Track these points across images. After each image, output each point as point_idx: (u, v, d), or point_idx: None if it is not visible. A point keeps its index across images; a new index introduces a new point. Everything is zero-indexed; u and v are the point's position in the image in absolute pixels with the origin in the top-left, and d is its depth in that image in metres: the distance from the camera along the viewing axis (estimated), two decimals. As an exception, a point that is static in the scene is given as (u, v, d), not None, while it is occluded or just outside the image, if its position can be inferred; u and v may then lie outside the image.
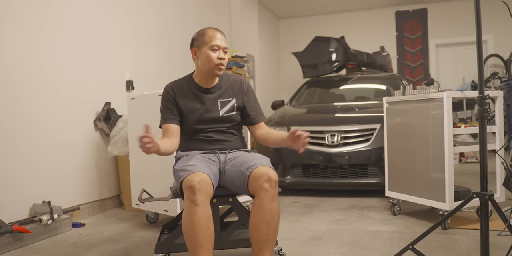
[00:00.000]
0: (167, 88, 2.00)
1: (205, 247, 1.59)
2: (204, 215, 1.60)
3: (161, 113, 1.97)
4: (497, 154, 2.41)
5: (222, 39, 1.93)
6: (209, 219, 1.62)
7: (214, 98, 1.98)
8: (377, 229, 2.62)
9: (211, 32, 1.93)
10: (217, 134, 1.98)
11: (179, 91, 1.97)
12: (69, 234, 2.75)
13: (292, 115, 4.22)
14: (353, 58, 5.86)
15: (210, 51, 1.89)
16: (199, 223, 1.59)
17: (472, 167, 5.21)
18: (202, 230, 1.59)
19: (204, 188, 1.61)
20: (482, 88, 1.68)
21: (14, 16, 2.67)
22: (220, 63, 1.90)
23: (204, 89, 1.98)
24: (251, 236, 1.69)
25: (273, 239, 1.69)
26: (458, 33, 7.83)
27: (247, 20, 6.54)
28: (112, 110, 3.40)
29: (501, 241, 2.25)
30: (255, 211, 1.69)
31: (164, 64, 4.41)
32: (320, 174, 3.73)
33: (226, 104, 1.99)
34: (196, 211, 1.59)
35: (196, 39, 1.96)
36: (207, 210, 1.62)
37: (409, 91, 2.82)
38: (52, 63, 2.95)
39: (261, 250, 1.66)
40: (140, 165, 2.98)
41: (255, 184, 1.69)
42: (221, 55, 1.90)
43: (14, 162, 2.64)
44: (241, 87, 2.03)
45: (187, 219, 1.62)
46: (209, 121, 1.95)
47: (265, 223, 1.66)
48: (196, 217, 1.59)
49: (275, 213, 1.68)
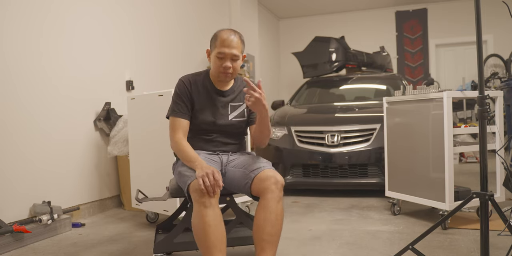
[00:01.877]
0: (183, 80, 1.93)
1: (218, 248, 1.59)
2: (215, 216, 1.61)
3: (174, 104, 1.90)
4: (497, 154, 2.41)
5: (233, 45, 1.82)
6: (220, 220, 1.62)
7: (226, 101, 1.96)
8: (377, 229, 2.62)
9: (223, 35, 1.83)
10: (222, 137, 1.97)
11: (195, 86, 1.92)
12: (69, 234, 2.75)
13: (292, 115, 4.22)
14: (353, 58, 5.86)
15: (216, 58, 1.85)
16: (211, 225, 1.59)
17: (472, 167, 5.21)
18: (214, 231, 1.59)
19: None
20: (482, 88, 1.68)
21: (14, 16, 2.67)
22: (223, 71, 1.85)
23: (218, 91, 1.95)
24: (255, 236, 1.69)
25: (277, 240, 1.70)
26: (458, 33, 7.83)
27: (247, 20, 6.54)
28: (112, 110, 3.40)
29: (501, 241, 2.25)
30: (260, 212, 1.69)
31: (164, 64, 4.41)
32: (320, 174, 3.73)
33: (236, 109, 1.98)
34: (206, 212, 1.59)
35: (211, 39, 1.90)
36: (217, 211, 1.63)
37: (409, 91, 2.82)
38: (52, 63, 2.95)
39: (264, 250, 1.66)
40: (140, 165, 2.98)
41: (261, 186, 1.71)
42: (226, 63, 1.83)
43: (14, 161, 2.64)
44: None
45: (198, 221, 1.61)
46: (217, 123, 1.94)
47: (270, 224, 1.67)
48: (207, 218, 1.59)
49: (279, 214, 1.70)
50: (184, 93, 1.90)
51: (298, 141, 3.80)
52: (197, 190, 1.61)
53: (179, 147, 1.82)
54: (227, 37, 1.82)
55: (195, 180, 1.63)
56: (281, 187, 1.73)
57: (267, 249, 1.66)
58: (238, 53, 1.84)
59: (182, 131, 1.87)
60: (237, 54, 1.84)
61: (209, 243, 1.59)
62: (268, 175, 1.72)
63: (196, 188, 1.61)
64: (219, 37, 1.84)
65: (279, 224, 1.69)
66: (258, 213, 1.70)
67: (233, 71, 1.87)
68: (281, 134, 3.92)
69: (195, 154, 1.78)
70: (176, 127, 1.87)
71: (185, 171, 1.76)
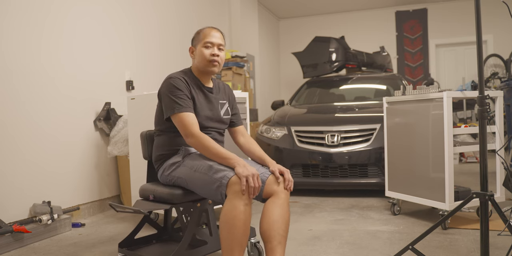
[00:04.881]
0: (178, 76, 1.86)
1: (242, 249, 1.60)
2: (249, 216, 1.62)
3: (177, 99, 1.80)
4: (497, 154, 2.41)
5: (218, 36, 1.92)
6: (250, 221, 1.63)
7: (216, 98, 1.99)
8: (377, 229, 2.63)
9: (207, 30, 1.94)
10: (217, 134, 1.98)
11: (190, 82, 1.90)
12: (69, 234, 2.75)
13: (292, 115, 4.22)
14: (353, 58, 5.86)
15: (204, 48, 1.90)
16: (243, 224, 1.59)
17: (472, 167, 5.21)
18: (245, 231, 1.60)
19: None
20: (482, 88, 1.68)
21: (14, 16, 2.67)
22: (213, 59, 1.89)
23: (207, 87, 1.97)
24: (269, 232, 1.68)
25: (287, 236, 1.72)
26: (458, 33, 7.83)
27: (247, 20, 6.54)
28: (112, 110, 3.40)
29: (501, 241, 2.25)
30: (274, 209, 1.70)
31: (164, 64, 4.41)
32: (320, 174, 3.73)
33: (223, 106, 2.01)
34: (245, 210, 1.59)
35: (193, 38, 1.98)
36: (250, 211, 1.64)
37: (409, 91, 2.82)
38: (52, 63, 2.95)
39: (281, 244, 1.66)
40: (140, 165, 2.98)
41: (275, 187, 1.75)
42: (214, 51, 1.89)
43: (14, 162, 2.64)
44: (229, 93, 2.10)
45: (232, 216, 1.58)
46: (215, 119, 1.94)
47: (284, 220, 1.69)
48: (243, 216, 1.58)
49: (289, 212, 1.76)
50: (186, 88, 1.84)
51: (298, 141, 3.81)
52: (238, 184, 1.59)
53: (203, 142, 1.73)
54: (211, 30, 1.94)
55: (234, 177, 1.61)
56: (291, 189, 1.81)
57: (283, 244, 1.67)
58: (223, 43, 1.94)
59: (196, 125, 1.78)
60: (223, 43, 1.94)
61: (235, 242, 1.58)
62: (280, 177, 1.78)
63: (237, 181, 1.59)
64: (202, 32, 1.94)
65: (288, 223, 1.73)
66: (272, 210, 1.70)
67: (220, 61, 1.92)
68: (281, 134, 3.92)
69: (226, 150, 1.74)
70: (190, 122, 1.77)
71: (217, 165, 1.70)
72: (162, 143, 1.94)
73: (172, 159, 1.89)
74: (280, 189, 1.75)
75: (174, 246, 1.99)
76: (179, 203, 1.82)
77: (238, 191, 1.58)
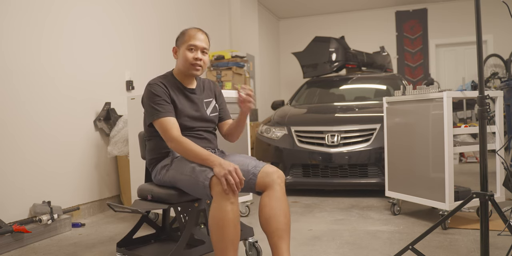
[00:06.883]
0: (156, 82, 1.88)
1: (234, 247, 1.60)
2: (237, 214, 1.61)
3: (156, 106, 1.82)
4: (497, 154, 2.41)
5: (202, 39, 1.90)
6: (239, 218, 1.62)
7: (200, 98, 1.98)
8: (377, 229, 2.63)
9: (192, 31, 1.92)
10: (206, 133, 1.98)
11: (169, 86, 1.91)
12: (69, 234, 2.75)
13: (292, 115, 4.22)
14: (353, 58, 5.86)
15: (187, 51, 1.89)
16: (232, 223, 1.58)
17: (472, 167, 5.21)
18: (234, 230, 1.59)
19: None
20: (482, 88, 1.68)
21: (14, 16, 2.67)
22: (195, 63, 1.88)
23: (189, 89, 1.97)
24: (269, 227, 1.68)
25: (289, 228, 1.71)
26: (458, 33, 7.83)
27: (247, 20, 6.54)
28: (112, 110, 3.40)
29: (501, 241, 2.25)
30: (271, 202, 1.70)
31: (164, 64, 4.40)
32: (320, 174, 3.73)
33: (209, 105, 2.02)
34: (232, 208, 1.58)
35: (178, 38, 1.96)
36: (238, 209, 1.63)
37: (409, 91, 2.82)
38: (52, 63, 2.95)
39: (283, 238, 1.66)
40: (139, 165, 2.98)
41: (266, 180, 1.74)
42: (197, 55, 1.88)
43: (14, 161, 2.64)
44: (215, 89, 2.09)
45: (220, 217, 1.58)
46: (201, 119, 1.94)
47: (283, 213, 1.69)
48: (230, 215, 1.58)
49: (288, 205, 1.75)
50: (164, 94, 1.85)
51: (298, 141, 3.80)
52: (219, 185, 1.58)
53: (183, 145, 1.74)
54: (196, 33, 1.91)
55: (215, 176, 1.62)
56: (284, 181, 1.79)
57: (285, 237, 1.67)
58: (207, 47, 1.93)
59: (176, 129, 1.79)
60: (207, 47, 1.92)
61: (227, 242, 1.58)
62: (272, 170, 1.78)
63: (218, 182, 1.59)
64: (187, 33, 1.92)
65: (289, 214, 1.72)
66: (269, 204, 1.70)
67: (203, 64, 1.91)
68: (281, 134, 3.92)
69: (205, 150, 1.73)
70: (170, 126, 1.78)
71: (198, 166, 1.70)
72: (152, 147, 1.97)
73: (162, 162, 1.91)
74: (274, 181, 1.74)
75: (172, 246, 2.00)
76: (176, 203, 1.82)
77: (221, 191, 1.58)
